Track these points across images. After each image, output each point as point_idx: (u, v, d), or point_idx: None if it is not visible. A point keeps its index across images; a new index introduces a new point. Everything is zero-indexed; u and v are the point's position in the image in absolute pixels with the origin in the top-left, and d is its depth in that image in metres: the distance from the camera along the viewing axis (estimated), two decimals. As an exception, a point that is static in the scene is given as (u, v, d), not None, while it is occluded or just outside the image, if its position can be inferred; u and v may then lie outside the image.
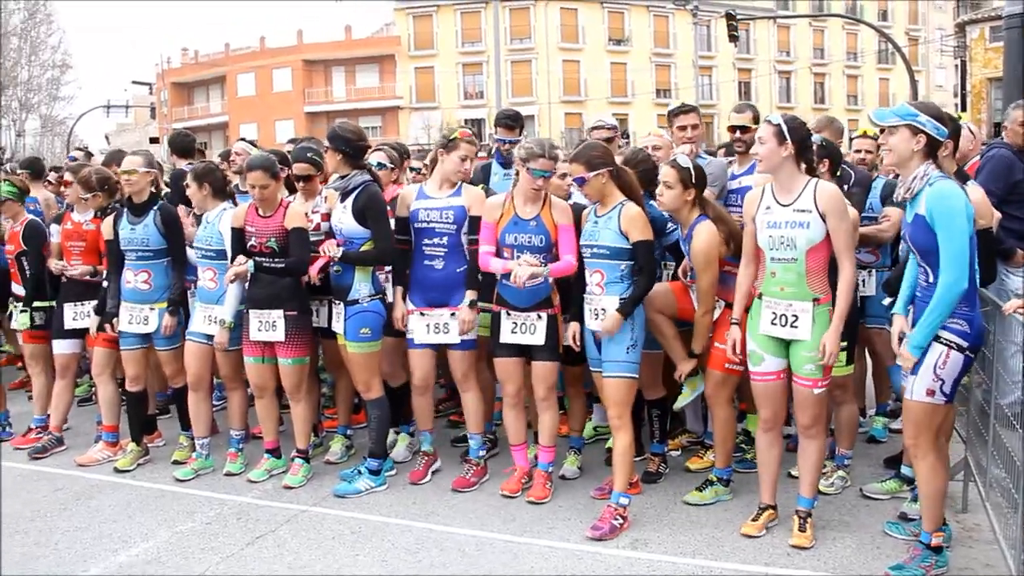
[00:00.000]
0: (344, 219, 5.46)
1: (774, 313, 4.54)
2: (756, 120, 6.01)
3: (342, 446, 6.20)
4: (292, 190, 6.24)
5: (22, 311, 6.74)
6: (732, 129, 6.14)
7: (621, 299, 4.89)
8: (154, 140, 43.51)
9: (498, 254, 5.24)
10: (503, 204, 5.29)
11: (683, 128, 6.26)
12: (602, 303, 4.93)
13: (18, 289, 6.88)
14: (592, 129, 6.50)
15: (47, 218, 7.56)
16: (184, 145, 7.56)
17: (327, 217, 5.70)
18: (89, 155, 9.19)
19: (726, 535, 4.72)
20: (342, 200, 5.49)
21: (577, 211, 5.29)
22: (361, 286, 5.45)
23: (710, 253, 4.98)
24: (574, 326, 5.13)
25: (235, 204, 6.03)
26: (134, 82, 57.73)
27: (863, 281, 5.72)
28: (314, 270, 5.49)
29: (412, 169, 7.26)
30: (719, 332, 5.03)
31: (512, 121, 6.61)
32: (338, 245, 5.41)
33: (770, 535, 4.68)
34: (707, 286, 5.02)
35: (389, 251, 5.48)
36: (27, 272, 6.73)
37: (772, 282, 4.55)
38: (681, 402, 5.33)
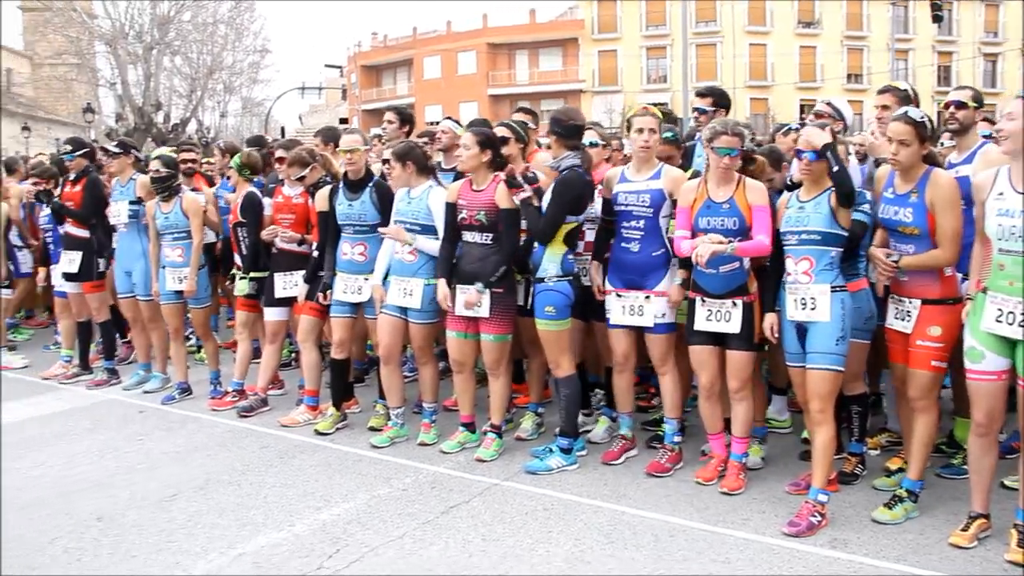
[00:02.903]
0: (546, 199, 5.53)
1: (1000, 310, 4.23)
2: (976, 100, 5.64)
3: (533, 423, 6.27)
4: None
5: (241, 278, 7.18)
6: (947, 105, 5.77)
7: (832, 287, 4.71)
8: (343, 120, 45.23)
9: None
10: (697, 188, 5.20)
11: (877, 107, 5.97)
12: (810, 292, 4.75)
13: (238, 259, 7.32)
14: (815, 114, 6.28)
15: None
16: (412, 120, 7.89)
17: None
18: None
19: (932, 543, 4.47)
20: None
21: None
22: (549, 266, 5.50)
23: (955, 193, 4.64)
24: (771, 317, 4.98)
25: (438, 181, 6.19)
26: (327, 65, 60.51)
27: None
28: None
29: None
30: (920, 329, 4.74)
31: (721, 100, 6.45)
32: None
33: (982, 547, 4.39)
34: (953, 227, 4.63)
35: (540, 233, 5.50)
36: (242, 242, 7.16)
37: (1000, 275, 4.24)
38: None
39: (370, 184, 6.33)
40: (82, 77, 37.76)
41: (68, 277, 8.15)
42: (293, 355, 8.40)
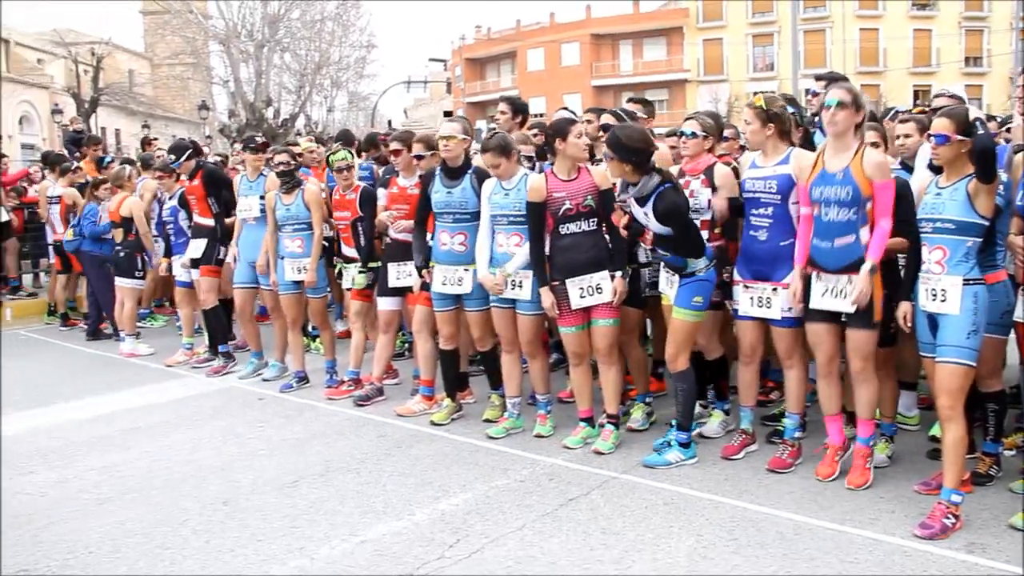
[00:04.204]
0: (651, 223, 5.37)
1: None
2: None
3: (643, 413, 6.21)
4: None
5: (360, 271, 7.26)
6: None
7: (966, 280, 4.48)
8: (448, 114, 45.55)
9: None
10: (815, 160, 5.05)
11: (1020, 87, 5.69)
12: (941, 283, 4.52)
13: (348, 251, 7.40)
14: (936, 97, 6.03)
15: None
16: (526, 110, 7.90)
17: None
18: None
19: (1084, 551, 4.22)
20: (641, 205, 5.37)
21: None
22: (697, 261, 5.39)
23: None
24: (905, 306, 4.76)
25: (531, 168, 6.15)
26: (431, 59, 61.13)
27: None
28: None
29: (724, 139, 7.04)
30: None
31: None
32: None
33: None
34: None
35: (695, 254, 5.37)
36: (361, 237, 7.23)
37: None
38: None
39: (470, 171, 6.28)
40: (197, 76, 39.14)
41: (194, 263, 8.46)
42: (407, 345, 8.49)
